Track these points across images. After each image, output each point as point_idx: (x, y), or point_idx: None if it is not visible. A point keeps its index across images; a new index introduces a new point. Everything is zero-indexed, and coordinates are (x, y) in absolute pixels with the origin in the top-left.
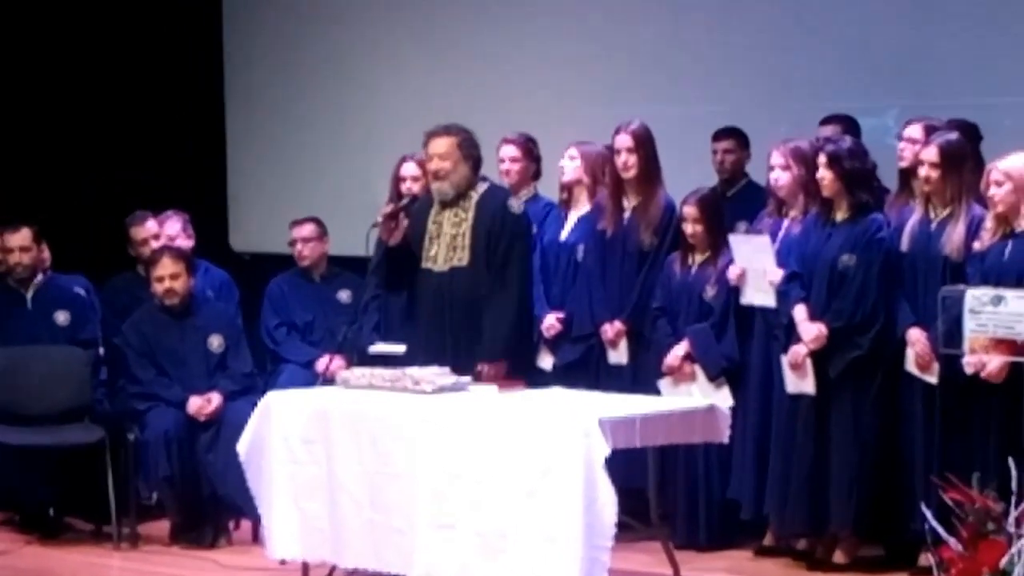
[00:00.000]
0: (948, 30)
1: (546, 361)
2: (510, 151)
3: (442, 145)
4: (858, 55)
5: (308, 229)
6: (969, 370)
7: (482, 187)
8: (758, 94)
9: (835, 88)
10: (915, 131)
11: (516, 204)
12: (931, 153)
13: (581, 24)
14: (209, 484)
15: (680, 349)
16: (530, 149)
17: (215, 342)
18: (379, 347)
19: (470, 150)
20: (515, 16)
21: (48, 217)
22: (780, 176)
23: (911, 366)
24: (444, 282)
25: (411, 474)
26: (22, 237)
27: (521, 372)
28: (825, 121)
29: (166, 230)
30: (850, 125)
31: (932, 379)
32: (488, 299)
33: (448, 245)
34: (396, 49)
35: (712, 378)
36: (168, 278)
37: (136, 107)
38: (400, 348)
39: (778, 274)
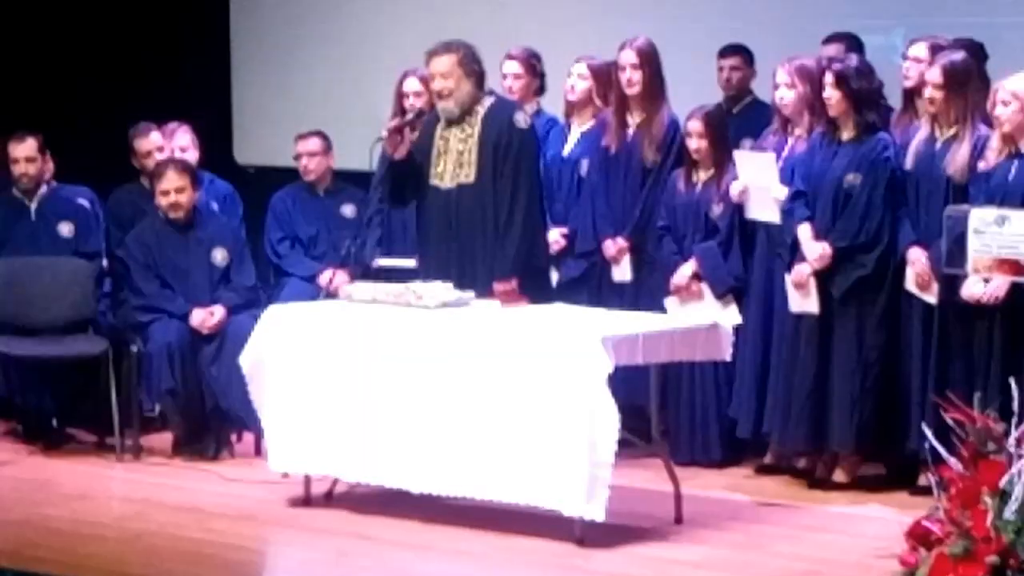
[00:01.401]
0: None
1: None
2: (513, 67)
3: (443, 63)
4: None
5: (313, 143)
6: (982, 297)
7: (488, 101)
8: (763, 11)
9: (841, 5)
10: (920, 50)
11: (523, 118)
12: (935, 74)
13: None
14: (212, 397)
15: (687, 268)
16: (533, 65)
17: (219, 256)
18: (387, 261)
19: (472, 65)
20: None
21: (51, 128)
22: (785, 94)
23: (911, 285)
24: (451, 198)
25: (413, 389)
26: (27, 147)
27: (536, 286)
28: (828, 40)
29: (176, 142)
30: (853, 43)
31: (931, 299)
32: (497, 216)
33: (455, 161)
34: None
35: (719, 296)
36: (173, 191)
37: (141, 18)
38: (408, 262)
39: (783, 191)
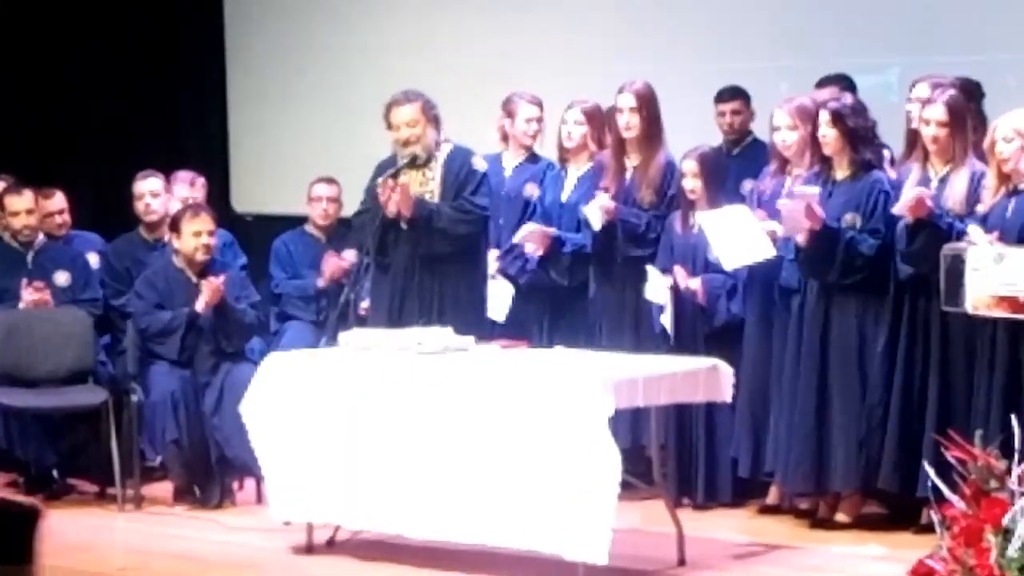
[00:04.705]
0: None
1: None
2: (533, 111)
3: (409, 112)
4: (859, 12)
5: (333, 189)
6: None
7: (447, 147)
8: (758, 53)
9: (836, 45)
10: (924, 91)
11: (479, 161)
12: (938, 111)
13: None
14: (217, 446)
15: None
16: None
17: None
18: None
19: (432, 112)
20: None
21: (49, 180)
22: (787, 136)
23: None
24: (412, 240)
25: (413, 435)
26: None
27: (471, 322)
28: (821, 83)
29: (180, 192)
30: (846, 85)
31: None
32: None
33: None
34: (398, 8)
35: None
36: (206, 234)
37: (138, 69)
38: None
39: (770, 225)
